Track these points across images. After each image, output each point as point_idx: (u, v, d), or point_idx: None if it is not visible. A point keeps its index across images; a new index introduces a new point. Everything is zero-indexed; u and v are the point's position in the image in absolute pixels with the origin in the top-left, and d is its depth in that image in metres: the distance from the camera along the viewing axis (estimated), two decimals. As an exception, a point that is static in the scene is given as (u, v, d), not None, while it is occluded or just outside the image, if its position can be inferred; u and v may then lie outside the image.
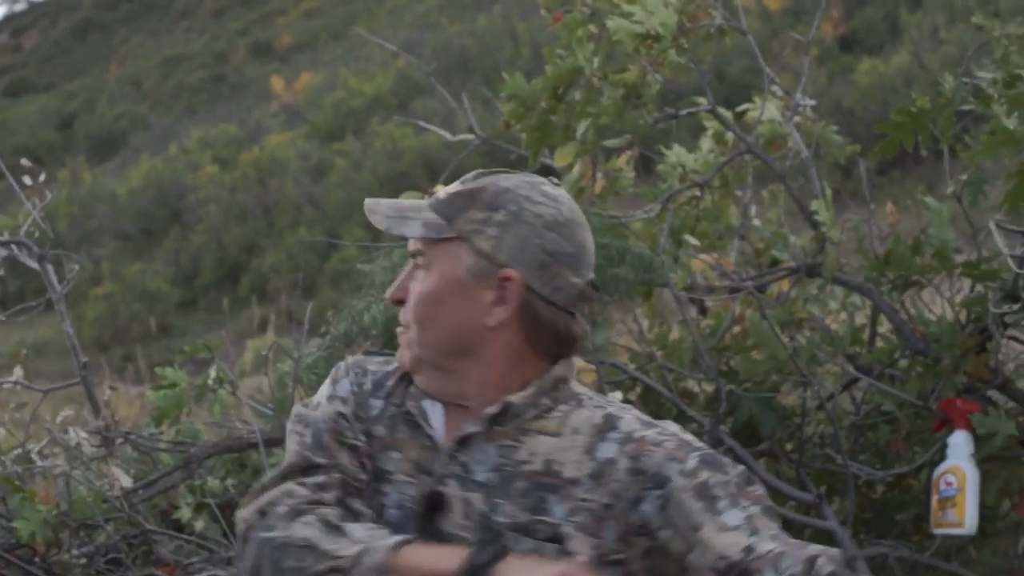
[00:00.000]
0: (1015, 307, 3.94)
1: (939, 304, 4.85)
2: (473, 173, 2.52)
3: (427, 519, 2.45)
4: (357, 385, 2.58)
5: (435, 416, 2.49)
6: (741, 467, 2.38)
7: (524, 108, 4.56)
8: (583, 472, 2.37)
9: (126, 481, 3.97)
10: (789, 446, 4.62)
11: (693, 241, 4.61)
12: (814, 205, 4.40)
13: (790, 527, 4.51)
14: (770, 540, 2.28)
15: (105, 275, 26.90)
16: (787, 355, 4.34)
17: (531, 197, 2.43)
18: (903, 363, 4.59)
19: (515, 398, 2.42)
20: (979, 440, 4.20)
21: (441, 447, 2.46)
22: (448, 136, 5.50)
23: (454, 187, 2.51)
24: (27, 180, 4.37)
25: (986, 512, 4.31)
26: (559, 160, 4.66)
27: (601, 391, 3.99)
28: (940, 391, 4.30)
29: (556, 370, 2.45)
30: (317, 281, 23.18)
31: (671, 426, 2.45)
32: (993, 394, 4.39)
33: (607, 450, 2.37)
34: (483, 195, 2.45)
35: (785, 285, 4.78)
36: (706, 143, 5.00)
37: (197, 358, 4.33)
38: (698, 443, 2.41)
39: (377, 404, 2.55)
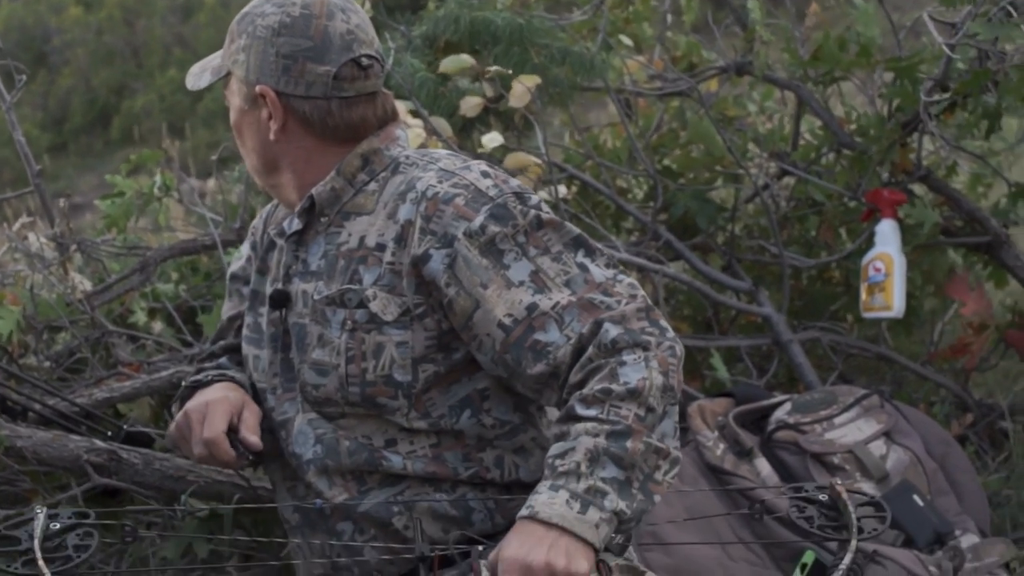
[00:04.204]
0: (945, 96, 4.08)
1: (860, 102, 5.01)
2: None
3: (280, 317, 2.65)
4: (261, 220, 2.87)
5: (291, 228, 2.66)
6: (532, 212, 2.46)
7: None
8: (388, 237, 2.51)
9: (87, 285, 4.02)
10: (721, 239, 4.78)
11: (628, 42, 4.69)
12: (749, 4, 4.51)
13: (727, 315, 4.71)
14: (558, 291, 2.39)
15: (-29, 120, 26.25)
16: (724, 150, 4.47)
17: (263, 12, 2.57)
18: (827, 160, 4.76)
19: (315, 189, 2.59)
20: (906, 230, 4.38)
21: (284, 250, 2.66)
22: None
23: None
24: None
25: (910, 302, 4.51)
26: (490, -34, 4.71)
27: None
28: (866, 183, 4.46)
29: (360, 148, 2.60)
30: (190, 121, 22.78)
31: (471, 171, 2.52)
32: (913, 187, 4.56)
33: (406, 212, 2.49)
34: (233, 27, 2.63)
35: (713, 85, 4.89)
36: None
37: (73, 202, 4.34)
38: (495, 190, 2.47)
39: (267, 238, 2.78)
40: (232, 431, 2.60)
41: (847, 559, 2.27)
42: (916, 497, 3.59)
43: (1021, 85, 3.83)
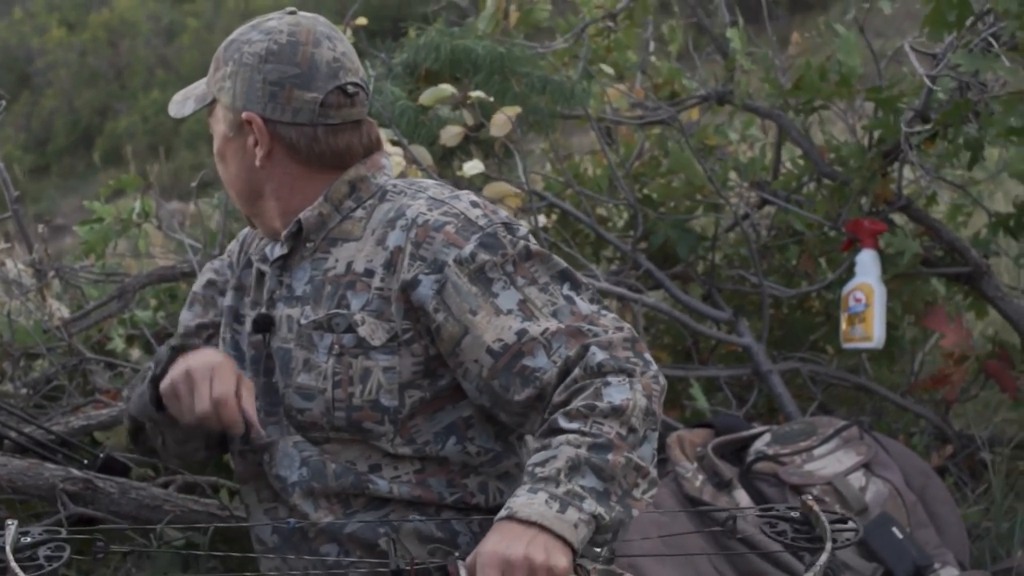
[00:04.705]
0: (926, 127, 4.08)
1: (841, 131, 5.02)
2: None
3: (263, 341, 2.65)
4: (239, 243, 2.86)
5: (276, 253, 2.67)
6: (522, 242, 2.50)
7: (436, -58, 4.61)
8: (377, 263, 2.53)
9: (65, 311, 4.01)
10: (701, 269, 4.78)
11: (608, 70, 4.70)
12: (728, 33, 4.51)
13: (707, 345, 4.70)
14: (545, 320, 2.42)
15: (-46, 141, 26.19)
16: (704, 179, 4.47)
17: (249, 39, 2.60)
18: (808, 190, 4.76)
19: (304, 214, 2.60)
20: (886, 259, 4.38)
21: (269, 275, 2.66)
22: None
23: None
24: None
25: (891, 332, 4.51)
26: (473, -8, 4.72)
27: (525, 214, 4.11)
28: (847, 213, 4.46)
29: (347, 175, 2.62)
30: (173, 143, 22.78)
31: (461, 200, 2.56)
32: (894, 217, 4.56)
33: (396, 238, 2.52)
34: (219, 55, 2.65)
35: (694, 114, 4.90)
36: (605, -21, 5.06)
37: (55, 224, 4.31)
38: (484, 219, 2.51)
39: (243, 258, 2.80)
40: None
41: (823, 558, 2.26)
42: (895, 530, 3.58)
43: (1003, 117, 3.83)
